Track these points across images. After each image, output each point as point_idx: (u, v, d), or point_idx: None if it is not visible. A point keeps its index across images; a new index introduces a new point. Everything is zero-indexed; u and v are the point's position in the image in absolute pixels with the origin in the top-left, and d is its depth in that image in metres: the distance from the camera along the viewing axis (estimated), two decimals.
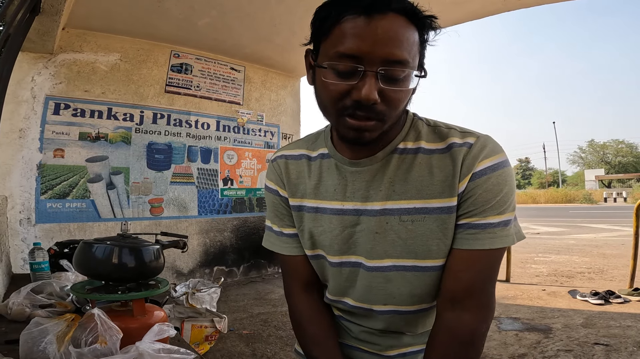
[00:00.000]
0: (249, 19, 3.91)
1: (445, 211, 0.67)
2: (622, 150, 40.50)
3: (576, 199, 26.35)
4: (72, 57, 3.82)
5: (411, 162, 0.70)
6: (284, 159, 0.82)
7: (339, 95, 0.62)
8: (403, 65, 0.60)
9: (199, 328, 2.57)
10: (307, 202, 0.78)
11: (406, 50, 0.60)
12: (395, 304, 0.75)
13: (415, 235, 0.69)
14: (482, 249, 0.66)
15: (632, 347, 2.53)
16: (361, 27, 0.59)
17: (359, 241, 0.74)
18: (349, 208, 0.73)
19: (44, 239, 3.46)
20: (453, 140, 0.68)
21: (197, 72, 4.63)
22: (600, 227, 10.48)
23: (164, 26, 3.98)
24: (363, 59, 0.59)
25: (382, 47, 0.59)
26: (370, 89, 0.59)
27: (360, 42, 0.59)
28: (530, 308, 3.51)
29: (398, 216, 0.69)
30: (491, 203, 0.65)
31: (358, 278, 0.76)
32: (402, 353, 0.81)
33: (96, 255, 1.01)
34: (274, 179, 0.83)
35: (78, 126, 3.80)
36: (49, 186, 3.65)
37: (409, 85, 0.63)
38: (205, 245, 4.62)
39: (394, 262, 0.71)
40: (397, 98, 0.62)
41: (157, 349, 0.90)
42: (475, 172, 0.65)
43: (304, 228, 0.79)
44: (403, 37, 0.60)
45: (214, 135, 4.74)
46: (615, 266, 5.16)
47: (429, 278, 0.71)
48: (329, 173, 0.76)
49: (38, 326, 0.89)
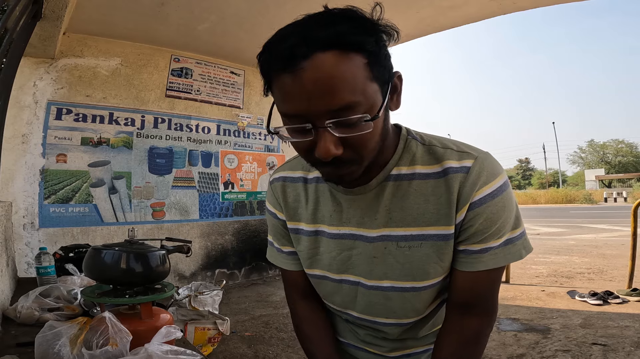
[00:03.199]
0: (248, 23, 3.95)
1: (442, 239, 0.67)
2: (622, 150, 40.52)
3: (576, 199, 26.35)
4: (73, 62, 3.86)
5: (406, 188, 0.68)
6: (281, 182, 0.82)
7: (305, 152, 0.61)
8: (351, 109, 0.54)
9: (202, 330, 2.60)
10: (305, 226, 0.79)
11: (347, 91, 0.53)
12: (397, 318, 0.77)
13: (412, 260, 0.70)
14: (486, 269, 0.68)
15: (629, 347, 2.55)
16: (289, 85, 0.54)
17: (357, 263, 0.75)
18: (345, 233, 0.74)
19: (48, 243, 3.50)
20: (449, 164, 0.66)
21: (197, 76, 4.67)
22: (601, 227, 10.49)
23: (164, 31, 4.02)
24: (308, 117, 0.55)
25: (319, 101, 0.53)
26: (326, 146, 0.55)
27: (295, 102, 0.54)
28: (530, 309, 3.54)
29: (396, 242, 0.70)
30: (491, 230, 0.66)
31: (358, 295, 0.77)
32: (407, 354, 0.85)
33: (105, 261, 1.05)
34: (272, 202, 0.84)
35: (80, 131, 3.84)
36: (52, 191, 3.68)
37: (368, 124, 0.56)
38: (206, 248, 4.65)
39: (392, 284, 0.72)
40: (361, 142, 0.57)
41: (165, 350, 0.93)
42: (473, 202, 0.64)
43: (302, 249, 0.80)
44: (338, 76, 0.52)
45: (214, 139, 4.78)
46: (615, 267, 5.18)
47: (428, 294, 0.73)
48: (325, 198, 0.76)
49: (52, 330, 0.92)
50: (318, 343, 0.84)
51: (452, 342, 0.72)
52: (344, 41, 0.52)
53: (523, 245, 0.69)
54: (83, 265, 1.08)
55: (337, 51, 0.52)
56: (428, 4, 3.65)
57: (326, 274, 0.79)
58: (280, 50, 0.54)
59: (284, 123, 0.59)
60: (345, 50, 0.52)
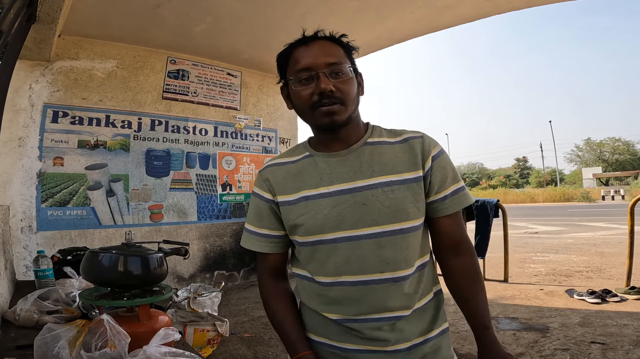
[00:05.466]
0: (245, 24, 3.96)
1: (414, 181, 0.90)
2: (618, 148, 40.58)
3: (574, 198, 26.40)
4: (69, 65, 3.85)
5: (380, 150, 0.93)
6: (270, 167, 1.00)
7: (308, 96, 0.89)
8: (339, 65, 0.89)
9: (201, 331, 2.59)
10: (296, 195, 0.93)
11: (336, 57, 0.90)
12: (390, 270, 0.87)
13: (395, 202, 0.87)
14: (459, 209, 0.93)
15: (628, 345, 2.56)
16: (304, 51, 0.90)
17: (347, 216, 0.88)
18: (334, 190, 0.90)
19: (46, 246, 3.48)
20: (407, 136, 0.94)
21: (194, 78, 4.67)
22: (599, 225, 10.52)
23: (160, 33, 4.02)
24: (313, 67, 0.88)
25: (321, 57, 0.88)
26: (326, 83, 0.86)
27: (306, 59, 0.89)
28: (528, 308, 3.54)
29: (381, 189, 0.88)
30: (450, 175, 0.92)
31: (352, 251, 0.88)
32: (408, 347, 0.88)
33: (102, 263, 1.05)
34: (259, 186, 0.99)
35: (77, 134, 3.83)
36: (50, 194, 3.67)
37: (350, 75, 0.90)
38: (205, 250, 4.65)
39: (382, 228, 0.87)
40: (346, 87, 0.89)
41: (164, 352, 0.93)
42: (433, 155, 0.91)
43: (299, 218, 0.92)
44: (331, 50, 0.90)
45: (212, 141, 4.77)
46: (613, 265, 5.19)
47: (413, 238, 0.89)
48: (313, 167, 0.94)
49: (51, 332, 0.93)
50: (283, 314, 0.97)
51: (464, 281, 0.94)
52: (332, 38, 0.93)
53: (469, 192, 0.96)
54: (81, 268, 1.08)
55: (328, 41, 0.92)
56: (423, 4, 3.66)
57: (321, 237, 0.90)
58: (299, 40, 0.93)
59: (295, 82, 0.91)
60: (333, 42, 0.93)
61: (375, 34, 4.26)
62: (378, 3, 3.61)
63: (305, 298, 0.98)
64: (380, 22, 3.96)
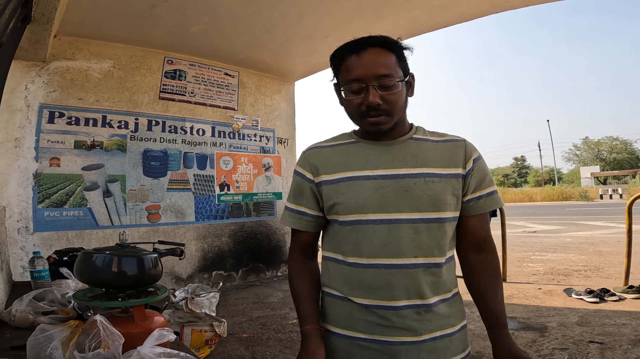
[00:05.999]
0: (242, 24, 3.95)
1: (454, 177, 0.95)
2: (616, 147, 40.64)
3: (572, 196, 26.47)
4: (64, 65, 3.83)
5: (425, 145, 0.98)
6: (315, 149, 1.04)
7: (357, 106, 0.92)
8: (388, 77, 0.90)
9: (199, 332, 2.59)
10: (340, 174, 0.98)
11: (386, 68, 0.90)
12: (424, 256, 0.92)
13: (436, 192, 0.93)
14: (489, 210, 0.98)
15: (626, 345, 2.55)
16: (356, 60, 0.91)
17: (389, 200, 0.93)
18: (378, 174, 0.95)
19: (43, 247, 3.47)
20: (450, 137, 1.01)
21: (191, 78, 4.66)
22: (597, 224, 10.55)
23: (156, 33, 4.01)
24: (363, 79, 0.90)
25: (371, 70, 0.90)
26: (373, 97, 0.89)
27: (358, 70, 0.91)
28: (526, 307, 3.54)
29: (423, 178, 0.93)
30: (487, 178, 0.98)
31: (390, 233, 0.92)
32: (433, 338, 0.92)
33: (96, 264, 1.04)
34: (302, 165, 1.03)
35: (73, 134, 3.82)
36: (46, 195, 3.66)
37: (398, 88, 0.92)
38: (203, 250, 4.64)
39: (421, 215, 0.92)
40: (393, 99, 0.91)
41: (158, 353, 0.92)
42: (474, 158, 0.97)
43: (340, 197, 0.96)
44: (382, 60, 0.91)
45: (209, 141, 4.76)
46: (611, 264, 5.20)
47: (448, 228, 0.95)
48: (359, 151, 0.99)
49: (44, 333, 0.92)
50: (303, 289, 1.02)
51: (484, 277, 0.98)
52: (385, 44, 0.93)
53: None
54: (74, 269, 1.07)
55: (381, 48, 0.92)
56: (420, 4, 3.66)
57: (361, 217, 0.94)
58: (352, 45, 0.94)
59: (346, 90, 0.94)
60: (386, 49, 0.92)
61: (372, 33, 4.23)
62: (375, 2, 3.61)
63: (333, 283, 1.00)
64: (377, 21, 3.96)
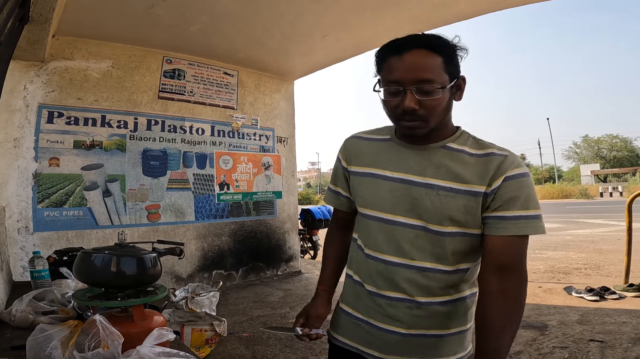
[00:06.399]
0: (241, 23, 3.94)
1: (472, 194, 0.90)
2: (616, 145, 40.56)
3: (572, 194, 26.47)
4: (63, 65, 3.82)
5: (454, 156, 0.94)
6: (354, 139, 1.10)
7: (393, 108, 0.91)
8: (428, 82, 0.86)
9: (199, 331, 2.59)
10: (365, 169, 1.03)
11: (429, 72, 0.86)
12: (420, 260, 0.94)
13: (445, 207, 0.91)
14: (517, 235, 0.88)
15: (627, 343, 2.55)
16: (397, 62, 0.88)
17: (398, 204, 0.95)
18: (395, 177, 0.97)
19: (43, 247, 3.47)
20: (492, 151, 0.92)
21: (190, 78, 4.65)
22: (597, 222, 10.55)
23: (155, 32, 4.00)
24: (402, 82, 0.87)
25: (411, 73, 0.86)
26: (409, 101, 0.87)
27: (398, 72, 0.87)
28: (527, 305, 3.50)
29: (436, 190, 0.92)
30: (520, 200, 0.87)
31: (394, 234, 0.96)
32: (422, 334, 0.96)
33: (95, 264, 1.04)
34: (341, 151, 1.11)
35: (72, 134, 3.81)
36: (46, 194, 3.65)
37: (438, 95, 0.87)
38: (203, 249, 4.64)
39: (424, 224, 0.93)
40: (431, 105, 0.88)
41: (157, 352, 0.92)
42: (508, 176, 0.88)
43: (361, 190, 1.03)
44: (425, 63, 0.86)
45: (208, 141, 4.76)
46: (611, 262, 5.21)
47: (449, 242, 0.92)
48: (387, 151, 1.01)
49: (43, 333, 0.92)
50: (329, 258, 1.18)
51: (499, 310, 0.87)
52: (431, 46, 0.87)
53: (543, 224, 0.89)
54: (73, 269, 1.07)
55: (426, 50, 0.86)
56: (420, 2, 3.65)
57: (374, 213, 0.99)
58: (395, 44, 0.89)
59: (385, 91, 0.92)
60: (431, 50, 0.87)
61: (371, 32, 4.24)
62: (374, 1, 3.60)
63: (353, 265, 1.08)
64: (376, 19, 3.95)
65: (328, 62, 5.23)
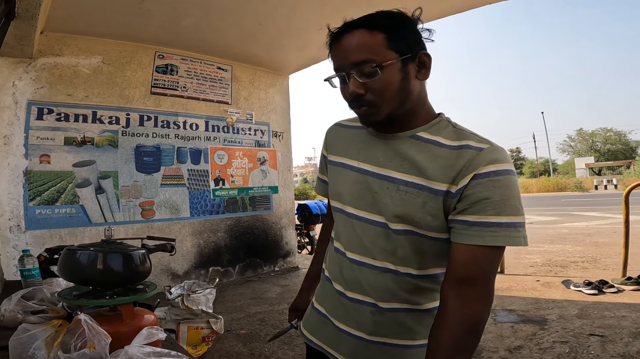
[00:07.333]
0: (234, 17, 3.88)
1: (434, 193, 0.79)
2: (610, 138, 40.86)
3: (567, 187, 26.63)
4: (52, 61, 3.75)
5: (422, 148, 0.83)
6: (334, 126, 1.06)
7: (345, 96, 0.86)
8: (367, 62, 0.78)
9: (195, 329, 2.55)
10: (338, 159, 0.99)
11: (365, 52, 0.78)
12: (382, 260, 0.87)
13: (404, 203, 0.82)
14: (484, 246, 0.74)
15: (627, 338, 2.53)
16: (335, 49, 0.84)
17: (360, 196, 0.90)
18: (361, 168, 0.91)
19: (36, 245, 3.41)
20: (468, 143, 0.80)
21: (183, 73, 4.59)
22: (593, 215, 10.60)
23: (146, 28, 3.92)
24: (342, 68, 0.82)
25: (348, 56, 0.80)
26: (353, 86, 0.81)
27: (337, 59, 0.83)
28: (525, 300, 3.53)
29: (397, 185, 0.83)
30: (490, 203, 0.74)
31: (357, 230, 0.90)
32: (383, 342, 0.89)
33: (80, 262, 1.00)
34: (324, 139, 1.08)
35: (63, 131, 3.75)
36: (37, 192, 3.59)
37: (382, 74, 0.79)
38: (199, 246, 4.60)
39: (384, 220, 0.85)
40: (377, 87, 0.80)
41: (147, 352, 0.89)
42: (478, 173, 0.75)
43: (331, 180, 1.01)
44: (360, 43, 0.79)
45: (203, 136, 4.70)
46: (608, 255, 5.21)
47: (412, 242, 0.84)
48: (359, 140, 0.96)
49: (26, 332, 0.89)
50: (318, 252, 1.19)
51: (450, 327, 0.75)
52: (368, 24, 0.80)
53: (523, 234, 0.76)
54: (58, 267, 1.03)
55: (363, 29, 0.80)
56: None
57: (339, 205, 0.96)
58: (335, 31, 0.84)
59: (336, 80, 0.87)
60: (367, 29, 0.79)
61: None
62: None
63: (327, 260, 1.04)
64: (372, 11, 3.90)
65: (324, 56, 5.12)
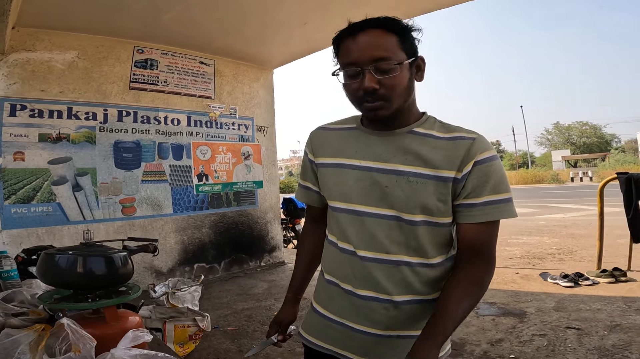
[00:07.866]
0: (216, 11, 3.80)
1: (443, 180, 0.87)
2: (586, 132, 42.00)
3: (545, 179, 27.29)
4: (24, 57, 3.63)
5: (422, 141, 0.91)
6: (318, 130, 1.08)
7: (354, 91, 0.88)
8: (384, 60, 0.84)
9: (182, 327, 2.52)
10: (332, 160, 1.00)
11: (384, 50, 0.84)
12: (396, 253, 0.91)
13: (417, 194, 0.88)
14: (487, 221, 0.87)
15: (602, 331, 2.60)
16: (351, 43, 0.87)
17: (368, 193, 0.92)
18: (364, 166, 0.93)
19: (13, 245, 3.31)
20: (459, 134, 0.90)
21: (164, 67, 4.49)
22: (569, 207, 10.91)
23: (124, 22, 3.82)
24: (358, 63, 0.85)
25: (367, 52, 0.84)
26: (369, 81, 0.84)
27: (354, 53, 0.86)
28: (505, 292, 3.61)
29: (407, 177, 0.89)
30: (489, 185, 0.87)
31: (366, 226, 0.92)
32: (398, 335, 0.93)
33: (59, 266, 0.98)
34: (307, 144, 1.08)
35: (37, 127, 3.63)
36: (12, 191, 3.48)
37: (397, 72, 0.85)
38: (183, 242, 4.54)
39: (396, 214, 0.90)
40: (391, 83, 0.85)
41: (134, 355, 0.87)
42: (477, 160, 0.86)
43: (328, 182, 1.00)
44: (380, 42, 0.85)
45: (185, 131, 4.62)
46: (583, 247, 5.37)
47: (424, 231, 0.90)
48: (354, 139, 0.98)
49: (9, 337, 0.87)
50: (300, 261, 1.18)
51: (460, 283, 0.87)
52: (384, 25, 0.86)
53: (514, 207, 0.89)
54: (37, 271, 1.00)
55: (380, 29, 0.86)
56: None
57: (345, 206, 0.96)
58: (349, 27, 0.88)
59: (344, 74, 0.89)
60: (384, 30, 0.85)
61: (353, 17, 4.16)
62: None
63: (326, 264, 1.05)
64: (357, 8, 3.84)
65: (308, 51, 5.12)
